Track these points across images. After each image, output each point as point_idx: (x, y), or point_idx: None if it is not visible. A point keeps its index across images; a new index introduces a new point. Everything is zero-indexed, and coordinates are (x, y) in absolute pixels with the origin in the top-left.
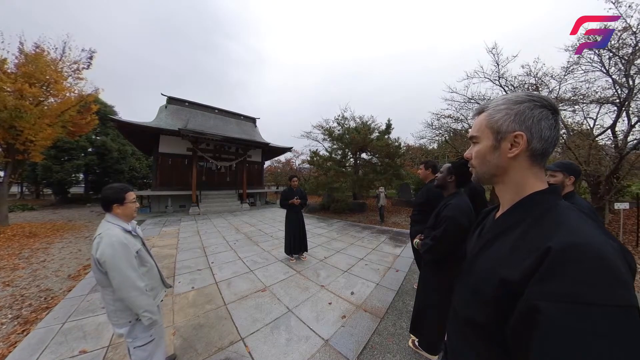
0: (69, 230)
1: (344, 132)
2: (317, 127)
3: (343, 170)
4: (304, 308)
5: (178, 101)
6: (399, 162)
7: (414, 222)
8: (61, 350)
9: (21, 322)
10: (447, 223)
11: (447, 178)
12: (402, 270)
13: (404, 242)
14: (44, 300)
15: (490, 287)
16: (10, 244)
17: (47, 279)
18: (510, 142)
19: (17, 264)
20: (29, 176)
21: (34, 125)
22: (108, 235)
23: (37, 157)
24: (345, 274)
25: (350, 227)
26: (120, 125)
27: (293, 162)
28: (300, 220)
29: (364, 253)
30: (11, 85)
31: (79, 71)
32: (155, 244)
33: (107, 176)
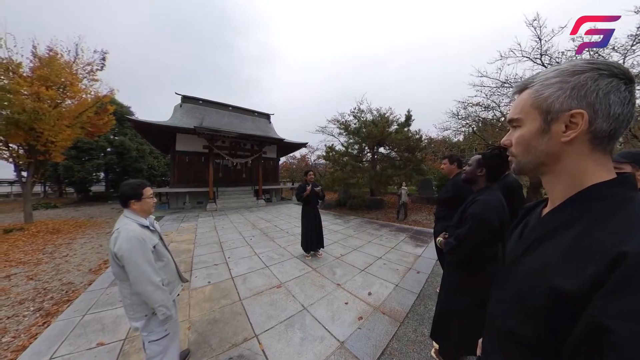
0: (90, 227)
1: (360, 125)
2: (332, 121)
3: (360, 165)
4: (319, 307)
5: (192, 100)
6: (420, 157)
7: (439, 218)
8: (79, 342)
9: (43, 315)
10: (473, 221)
11: (477, 171)
12: (424, 272)
13: (425, 241)
14: (65, 294)
15: (537, 296)
16: (34, 240)
17: (69, 273)
18: (564, 122)
19: (41, 258)
20: (52, 176)
21: (53, 127)
22: (125, 230)
23: (58, 157)
24: (362, 273)
25: (367, 225)
26: (137, 125)
27: (308, 158)
28: (317, 216)
29: (382, 252)
30: (28, 89)
31: (93, 72)
32: (174, 239)
33: (126, 174)
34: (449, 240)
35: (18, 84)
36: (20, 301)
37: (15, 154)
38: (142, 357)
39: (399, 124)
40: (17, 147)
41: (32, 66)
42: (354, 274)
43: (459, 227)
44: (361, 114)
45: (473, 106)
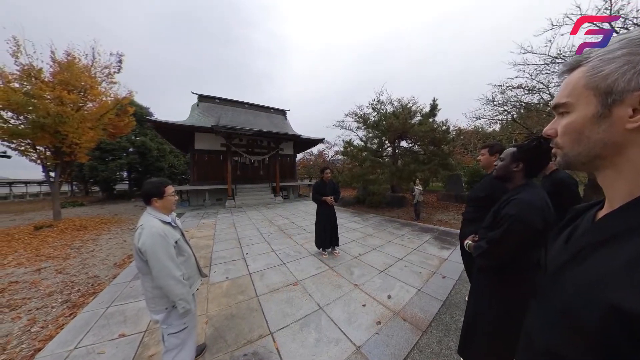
0: (115, 223)
1: (380, 118)
2: (350, 114)
3: (380, 160)
4: (335, 307)
5: (209, 98)
6: (447, 150)
7: (468, 220)
8: (103, 333)
9: (70, 306)
10: (510, 223)
11: (512, 166)
12: (451, 277)
13: (452, 243)
14: (91, 286)
15: (590, 313)
16: (62, 236)
17: (95, 267)
18: (631, 105)
19: (69, 253)
20: (78, 175)
21: (77, 129)
22: (148, 226)
23: (83, 158)
24: (381, 274)
25: (387, 223)
26: (156, 126)
27: (325, 154)
28: (332, 214)
29: (403, 253)
30: (50, 93)
31: (111, 75)
32: (194, 235)
33: (148, 173)
34: (479, 243)
35: (41, 89)
36: (49, 293)
37: (43, 155)
38: (160, 349)
39: (423, 114)
40: (45, 149)
41: (52, 71)
42: (372, 275)
43: (492, 229)
44: (381, 105)
45: (513, 89)
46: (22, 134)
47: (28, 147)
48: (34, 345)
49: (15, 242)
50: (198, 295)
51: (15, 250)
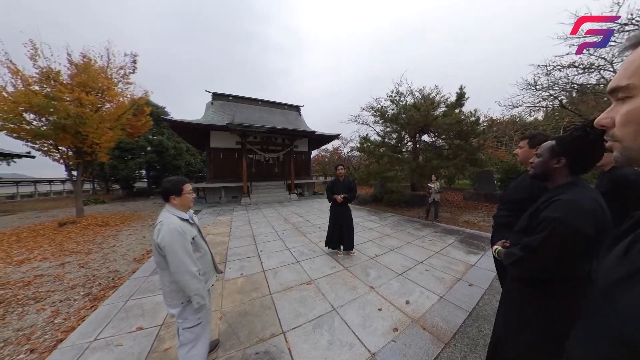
0: (135, 220)
1: (399, 111)
2: (366, 108)
3: (398, 156)
4: (349, 309)
5: (222, 96)
6: (476, 143)
7: (501, 225)
8: (122, 325)
9: (91, 299)
10: (552, 228)
11: (552, 162)
12: (479, 285)
13: (481, 248)
14: (111, 280)
15: None
16: (85, 232)
17: (115, 261)
18: None
19: (91, 248)
20: (99, 174)
21: (96, 130)
22: (167, 222)
23: (103, 157)
24: (399, 277)
25: (407, 223)
26: (172, 125)
27: (341, 150)
28: (344, 213)
29: (423, 255)
30: (69, 95)
31: (126, 76)
32: (210, 231)
33: (166, 171)
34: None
35: (60, 91)
36: (72, 286)
37: (65, 155)
38: (175, 343)
39: (448, 105)
40: (67, 149)
41: (69, 73)
42: (389, 278)
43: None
44: (400, 97)
45: (563, 69)
46: (45, 135)
47: (51, 147)
48: (56, 336)
49: (40, 238)
50: (213, 291)
51: (40, 245)
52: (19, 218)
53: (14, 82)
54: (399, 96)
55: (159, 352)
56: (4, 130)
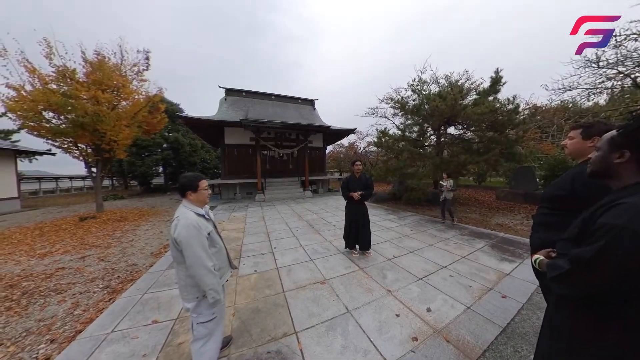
0: (152, 215)
1: (421, 101)
2: (385, 100)
3: (420, 151)
4: (365, 312)
5: (236, 92)
6: (514, 135)
7: (540, 225)
8: (138, 318)
9: (109, 292)
10: (613, 237)
11: (612, 157)
12: (514, 298)
13: (518, 255)
14: (129, 274)
15: None
16: (105, 226)
17: (133, 255)
18: None
19: (110, 242)
20: (117, 171)
21: (113, 127)
22: (184, 218)
23: (121, 154)
24: (419, 282)
25: (428, 224)
26: (187, 122)
27: (357, 145)
28: (361, 211)
29: (448, 260)
30: (86, 93)
31: (140, 73)
32: (225, 227)
33: (182, 168)
34: (556, 261)
35: (76, 89)
36: (92, 279)
37: (85, 152)
38: (189, 338)
39: (480, 92)
40: (86, 146)
41: (85, 71)
42: (408, 282)
43: (578, 243)
44: (422, 86)
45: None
46: (64, 133)
47: (71, 145)
48: (75, 327)
49: (62, 232)
50: (227, 287)
51: (62, 239)
52: (42, 213)
53: (32, 81)
54: (422, 85)
55: (173, 346)
56: (25, 128)
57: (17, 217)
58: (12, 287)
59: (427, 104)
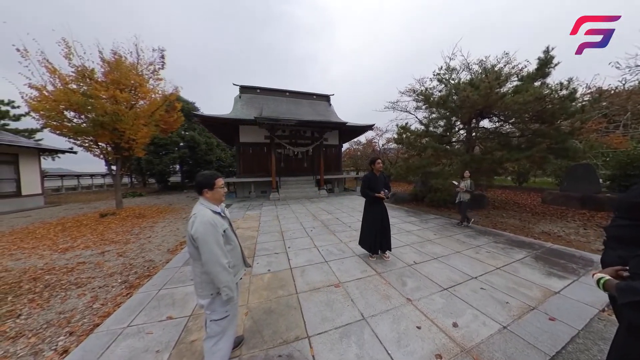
0: (169, 213)
1: (449, 91)
2: (406, 92)
3: (446, 148)
4: (382, 321)
5: (250, 89)
6: (568, 127)
7: (618, 240)
8: (153, 314)
9: (127, 287)
10: None
11: None
12: (567, 322)
13: (572, 270)
14: (146, 269)
15: None
16: (124, 223)
17: (150, 251)
18: None
19: (129, 239)
20: (136, 168)
21: (132, 127)
22: (201, 215)
23: (139, 152)
24: (444, 292)
25: (455, 228)
26: (202, 120)
27: (375, 142)
28: (384, 212)
29: (478, 270)
30: (105, 93)
31: (156, 72)
32: (240, 225)
33: (198, 166)
34: (632, 284)
35: (95, 89)
36: (111, 274)
37: (105, 151)
38: (201, 336)
39: (524, 76)
40: (106, 145)
41: (103, 71)
42: (431, 291)
43: None
44: (451, 74)
45: None
46: (85, 132)
47: (91, 143)
48: (93, 320)
49: (83, 228)
50: (240, 285)
51: (83, 235)
52: (64, 209)
53: (53, 81)
54: (450, 73)
55: (186, 344)
56: (48, 127)
57: (40, 213)
58: (35, 280)
59: (455, 95)
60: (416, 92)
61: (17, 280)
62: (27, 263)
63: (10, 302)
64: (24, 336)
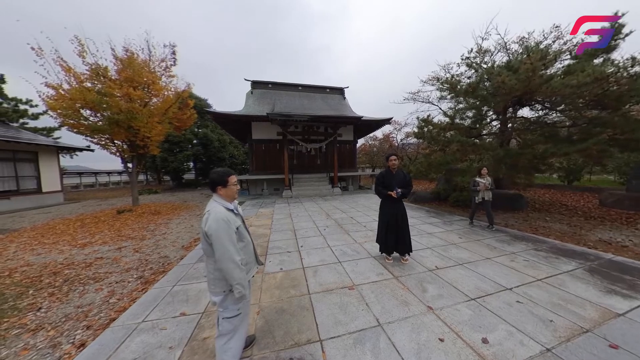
0: (184, 209)
1: (480, 78)
2: (429, 81)
3: (475, 142)
4: (399, 329)
5: (262, 84)
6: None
7: None
8: (167, 310)
9: (142, 282)
10: None
11: None
12: (634, 352)
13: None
14: (161, 265)
15: None
16: (140, 219)
17: (165, 248)
18: None
19: (145, 235)
20: (151, 166)
21: (146, 124)
22: (214, 212)
23: (154, 150)
24: (471, 303)
25: (485, 232)
26: (215, 117)
27: (393, 137)
28: (399, 212)
29: (514, 280)
30: (119, 91)
31: (168, 69)
32: (253, 223)
33: (211, 164)
34: None
35: (110, 87)
36: (127, 269)
37: (121, 148)
38: (214, 333)
39: (579, 55)
40: (122, 143)
41: (116, 69)
42: (456, 300)
43: None
44: (483, 57)
45: None
46: (101, 130)
47: (107, 141)
48: (110, 315)
49: (101, 224)
50: (252, 284)
51: (101, 230)
52: (83, 206)
53: (68, 80)
54: (482, 56)
55: (198, 341)
56: (65, 125)
57: (60, 210)
58: (55, 274)
59: (488, 81)
60: (440, 80)
61: (38, 274)
62: (47, 258)
63: (31, 296)
64: (43, 329)
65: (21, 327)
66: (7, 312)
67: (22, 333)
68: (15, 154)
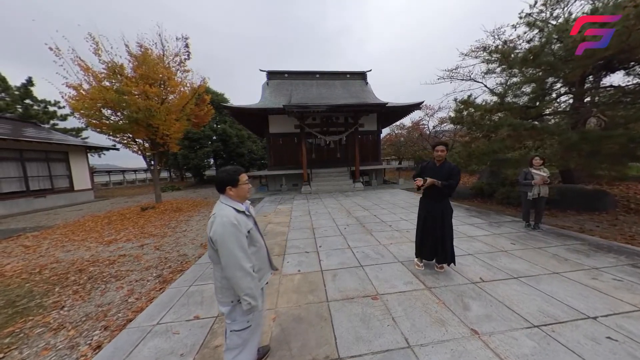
0: (205, 206)
1: (546, 39)
2: (472, 52)
3: (534, 124)
4: (435, 355)
5: (277, 74)
6: None
7: None
8: (182, 312)
9: (161, 281)
10: None
11: None
12: None
13: None
14: (180, 264)
15: None
16: (162, 216)
17: (185, 245)
18: None
19: (166, 232)
20: (173, 163)
21: (165, 122)
22: (221, 215)
23: (174, 147)
24: (534, 331)
25: (549, 237)
26: (232, 112)
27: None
28: (440, 212)
29: (599, 306)
30: (136, 88)
31: (182, 63)
32: (271, 220)
33: (231, 159)
34: None
35: (127, 85)
36: (147, 267)
37: (142, 147)
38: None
39: None
40: (143, 141)
41: (131, 66)
42: (511, 325)
43: None
44: (553, 10)
45: None
46: (123, 129)
47: (129, 140)
48: (127, 315)
49: (126, 221)
50: (269, 286)
51: (126, 228)
52: (111, 203)
53: (87, 79)
54: (552, 9)
55: (210, 349)
56: (89, 125)
57: (91, 207)
58: (80, 271)
59: (559, 42)
60: (488, 49)
61: (65, 271)
62: (75, 255)
63: (57, 293)
64: (64, 328)
65: (44, 325)
66: (33, 309)
67: (45, 332)
68: (48, 154)
